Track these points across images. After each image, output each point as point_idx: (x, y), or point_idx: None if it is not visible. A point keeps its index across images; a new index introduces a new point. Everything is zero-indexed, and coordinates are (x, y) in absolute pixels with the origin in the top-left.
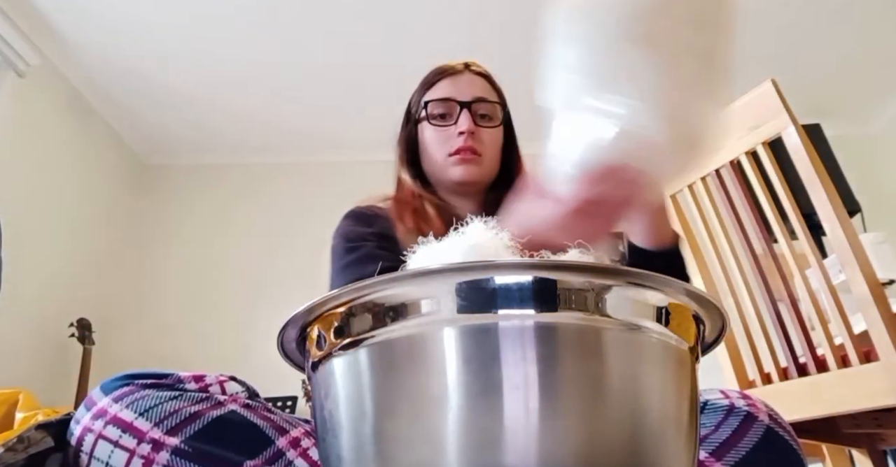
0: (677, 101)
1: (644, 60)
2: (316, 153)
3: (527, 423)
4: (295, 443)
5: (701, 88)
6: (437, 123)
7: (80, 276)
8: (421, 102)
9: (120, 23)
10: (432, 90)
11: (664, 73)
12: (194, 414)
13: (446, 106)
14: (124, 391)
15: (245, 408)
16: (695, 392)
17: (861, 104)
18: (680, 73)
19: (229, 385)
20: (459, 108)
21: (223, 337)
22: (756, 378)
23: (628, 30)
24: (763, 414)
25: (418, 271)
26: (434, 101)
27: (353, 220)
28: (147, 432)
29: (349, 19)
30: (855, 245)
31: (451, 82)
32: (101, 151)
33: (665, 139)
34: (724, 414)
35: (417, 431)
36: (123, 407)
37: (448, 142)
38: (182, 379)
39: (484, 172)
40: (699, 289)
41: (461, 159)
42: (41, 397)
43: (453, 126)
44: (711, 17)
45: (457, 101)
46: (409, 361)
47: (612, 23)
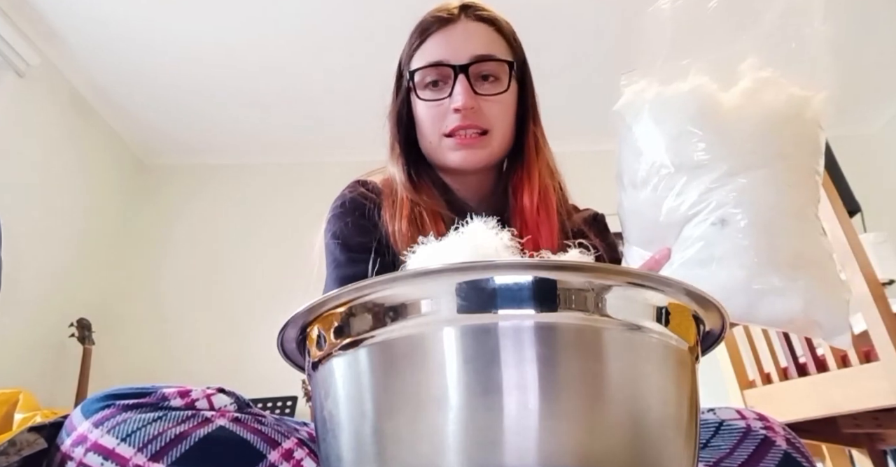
0: (837, 283)
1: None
2: (316, 153)
3: (527, 423)
4: (288, 455)
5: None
6: (429, 97)
7: (80, 276)
8: (411, 67)
9: (120, 23)
10: (420, 50)
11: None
12: (180, 434)
13: (438, 72)
14: (105, 414)
15: (234, 423)
16: (695, 392)
17: (861, 104)
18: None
19: (217, 398)
20: (454, 73)
21: (223, 336)
22: (756, 378)
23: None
24: (780, 439)
25: (418, 271)
26: (423, 69)
27: (352, 219)
28: (130, 458)
29: (349, 20)
30: (855, 245)
31: (444, 37)
32: (101, 151)
33: (831, 325)
34: (739, 437)
35: (417, 431)
36: (104, 432)
37: (443, 119)
38: (167, 395)
39: (492, 153)
40: (699, 289)
41: (459, 143)
42: (41, 397)
43: (447, 99)
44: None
45: (449, 64)
46: (409, 361)
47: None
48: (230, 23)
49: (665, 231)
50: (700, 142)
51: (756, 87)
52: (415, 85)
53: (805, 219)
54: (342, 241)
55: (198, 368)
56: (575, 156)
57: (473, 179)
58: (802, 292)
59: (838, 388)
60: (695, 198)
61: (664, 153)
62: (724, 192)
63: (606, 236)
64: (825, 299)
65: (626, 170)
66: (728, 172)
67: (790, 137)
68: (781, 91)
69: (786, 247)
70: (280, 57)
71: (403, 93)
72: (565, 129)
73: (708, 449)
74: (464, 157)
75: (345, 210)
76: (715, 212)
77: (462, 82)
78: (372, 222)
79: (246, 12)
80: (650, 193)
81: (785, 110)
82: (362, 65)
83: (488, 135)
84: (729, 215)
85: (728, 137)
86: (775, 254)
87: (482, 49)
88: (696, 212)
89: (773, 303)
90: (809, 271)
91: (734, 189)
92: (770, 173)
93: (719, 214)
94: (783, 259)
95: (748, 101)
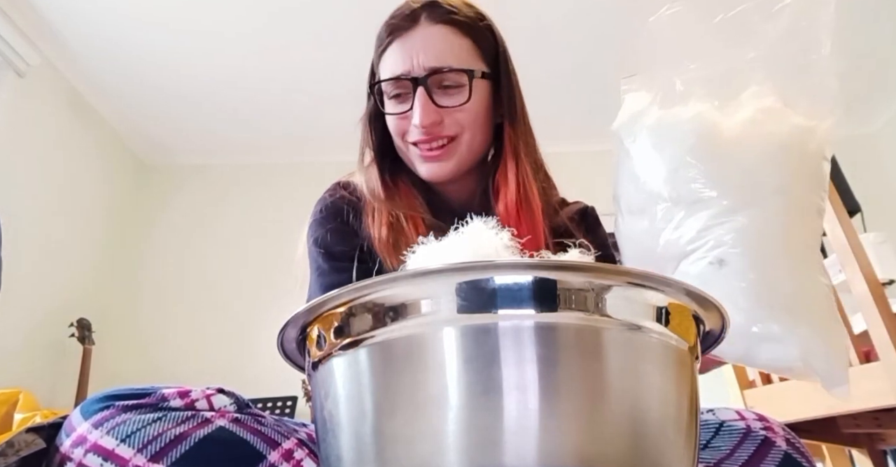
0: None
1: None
2: (316, 153)
3: (527, 423)
4: (288, 456)
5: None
6: (392, 111)
7: (80, 276)
8: (378, 74)
9: (120, 23)
10: (383, 58)
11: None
12: (179, 435)
13: (398, 85)
14: (104, 415)
15: (234, 423)
16: (695, 392)
17: (861, 104)
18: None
19: (217, 398)
20: (413, 86)
21: (223, 336)
22: (756, 378)
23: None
24: (781, 440)
25: (418, 271)
26: (383, 83)
27: (334, 226)
28: (130, 459)
29: (349, 20)
30: (855, 245)
31: (401, 46)
32: (101, 151)
33: (830, 376)
34: (740, 438)
35: (417, 431)
36: (104, 433)
37: (406, 130)
38: (166, 396)
39: (460, 162)
40: (699, 289)
41: (424, 156)
42: (41, 397)
43: (405, 113)
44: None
45: (407, 77)
46: (409, 361)
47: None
48: (230, 22)
49: (662, 263)
50: (699, 176)
51: (758, 118)
52: (378, 101)
53: (805, 260)
54: (325, 250)
55: (198, 368)
56: (577, 156)
57: (453, 182)
58: (801, 340)
59: None
60: (693, 235)
61: (662, 184)
62: (723, 231)
63: (597, 231)
64: (824, 348)
65: (622, 194)
66: (727, 209)
67: (792, 171)
68: (784, 121)
69: (785, 290)
70: (279, 56)
71: (376, 96)
72: (567, 130)
73: (708, 449)
74: (430, 170)
75: (325, 215)
76: (713, 252)
77: (421, 97)
78: (353, 228)
79: (246, 12)
80: (647, 223)
81: (787, 142)
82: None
83: (455, 143)
84: (727, 255)
85: (728, 171)
86: (774, 297)
87: (440, 59)
88: (693, 249)
89: (771, 350)
90: (809, 317)
91: (733, 228)
92: (770, 211)
93: (717, 254)
94: (782, 303)
95: (750, 132)
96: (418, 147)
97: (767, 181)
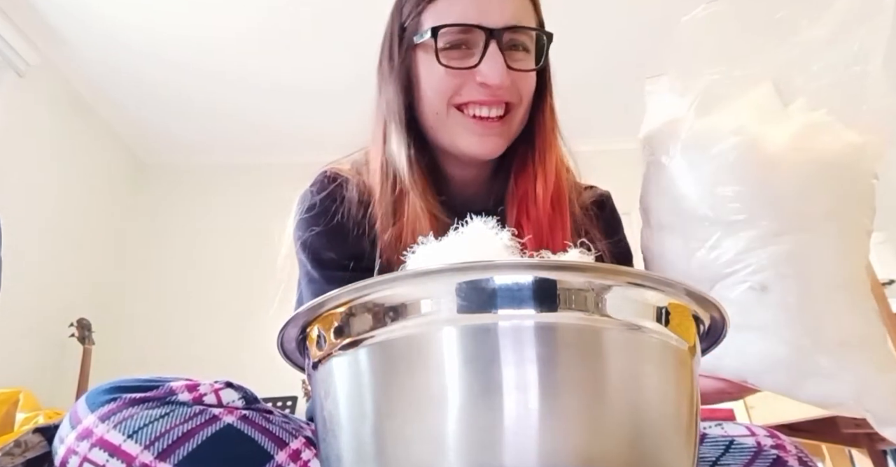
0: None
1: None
2: (316, 153)
3: (527, 423)
4: (295, 456)
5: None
6: (454, 65)
7: (80, 276)
8: (421, 22)
9: (120, 23)
10: (433, 7)
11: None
12: (187, 433)
13: (465, 36)
14: (111, 408)
15: (242, 421)
16: (695, 392)
17: None
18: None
19: (225, 393)
20: (486, 38)
21: (223, 336)
22: None
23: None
24: (793, 459)
25: (418, 271)
26: (448, 26)
27: (322, 229)
28: (137, 456)
29: (349, 19)
30: None
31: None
32: (101, 151)
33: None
34: (751, 456)
35: (417, 431)
36: (111, 427)
37: (459, 89)
38: (174, 389)
39: (509, 140)
40: (699, 289)
41: (480, 122)
42: (41, 397)
43: (470, 69)
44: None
45: (482, 27)
46: (409, 361)
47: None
48: (229, 22)
49: (694, 284)
50: (740, 195)
51: (807, 133)
52: (436, 46)
53: (855, 291)
54: (313, 256)
55: (198, 368)
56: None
57: (471, 169)
58: (853, 377)
59: None
60: (731, 256)
61: (698, 201)
62: (766, 255)
63: (614, 225)
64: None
65: (652, 208)
66: (771, 232)
67: (843, 193)
68: (836, 138)
69: (834, 323)
70: (279, 56)
71: (405, 51)
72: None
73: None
74: (481, 147)
75: (312, 215)
76: (754, 276)
77: (495, 50)
78: (345, 228)
79: (246, 13)
80: (680, 242)
81: (839, 160)
82: (365, 65)
83: (511, 115)
84: (770, 281)
85: (773, 191)
86: (823, 331)
87: (519, 15)
88: (731, 272)
89: (819, 384)
90: (861, 353)
91: (778, 252)
92: (820, 236)
93: (759, 279)
94: (831, 337)
95: (797, 148)
96: (468, 112)
97: (817, 204)
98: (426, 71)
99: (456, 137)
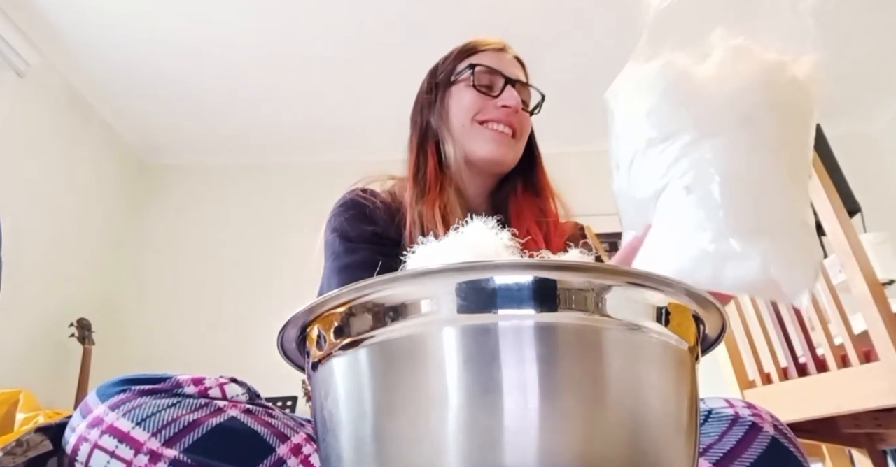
0: (804, 242)
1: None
2: (316, 153)
3: (527, 423)
4: (296, 450)
5: (809, 226)
6: (483, 91)
7: (80, 276)
8: (459, 67)
9: (120, 22)
10: (477, 57)
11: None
12: (193, 422)
13: (491, 77)
14: (121, 398)
15: (245, 414)
16: (695, 392)
17: (861, 104)
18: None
19: (229, 387)
20: (505, 82)
21: (223, 336)
22: (756, 378)
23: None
24: (768, 425)
25: (418, 271)
26: (483, 67)
27: (353, 213)
28: (144, 443)
29: (351, 19)
30: (855, 245)
31: (496, 57)
32: (101, 151)
33: (792, 285)
34: (728, 424)
35: (417, 431)
36: (120, 415)
37: (483, 109)
38: (181, 382)
39: (514, 157)
40: (699, 289)
41: (498, 133)
42: (41, 397)
43: (494, 98)
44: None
45: (504, 75)
46: (409, 361)
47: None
48: (230, 22)
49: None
50: (671, 115)
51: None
52: (473, 77)
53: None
54: (340, 233)
55: (198, 368)
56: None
57: (483, 180)
58: (761, 254)
59: (838, 388)
60: (663, 170)
61: (638, 131)
62: (690, 160)
63: (594, 247)
64: (786, 260)
65: (612, 154)
66: (694, 140)
67: (761, 103)
68: (753, 58)
69: (748, 212)
70: (280, 56)
71: (441, 89)
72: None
73: None
74: (496, 148)
75: (345, 207)
76: (681, 180)
77: (511, 90)
78: (373, 221)
79: (246, 13)
80: (628, 172)
81: (755, 77)
82: (366, 64)
83: (516, 140)
84: (693, 183)
85: (696, 107)
86: (737, 219)
87: (524, 78)
88: (665, 184)
89: (734, 268)
90: (771, 234)
91: (699, 157)
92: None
93: (685, 182)
94: (745, 224)
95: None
96: (488, 125)
97: (733, 112)
98: (458, 96)
99: (477, 145)
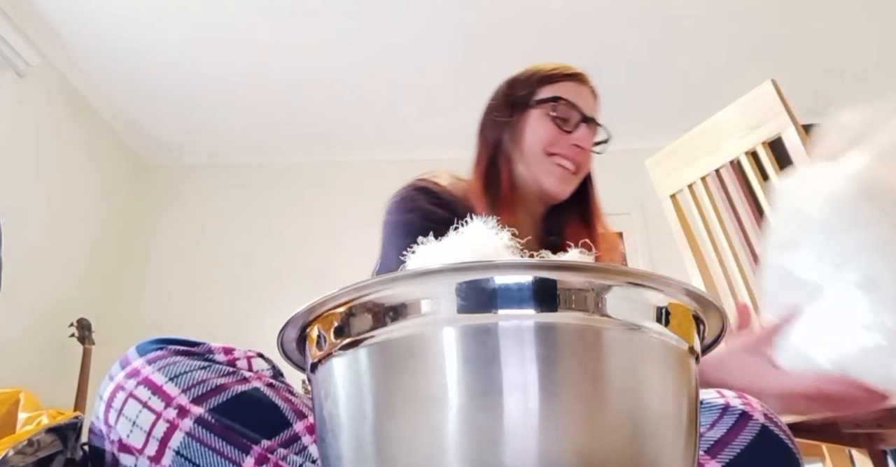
0: None
1: None
2: (316, 153)
3: (527, 423)
4: (312, 429)
5: None
6: (559, 124)
7: (80, 276)
8: (540, 93)
9: (120, 23)
10: (558, 87)
11: None
12: (220, 386)
13: (569, 112)
14: (158, 354)
15: (268, 388)
16: (695, 392)
17: (861, 104)
18: None
19: (256, 361)
20: (581, 119)
21: (223, 337)
22: None
23: None
24: (758, 414)
25: (418, 271)
26: (565, 101)
27: (430, 198)
28: (175, 398)
29: (352, 19)
30: None
31: (577, 90)
32: (101, 151)
33: None
34: (719, 413)
35: (417, 431)
36: (156, 369)
37: (559, 145)
38: (212, 349)
39: (568, 192)
40: (699, 289)
41: (563, 170)
42: (41, 397)
43: (568, 134)
44: None
45: (583, 112)
46: (409, 361)
47: None
48: (231, 23)
49: (802, 288)
50: (857, 214)
51: None
52: (552, 107)
53: None
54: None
55: None
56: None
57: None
58: None
59: None
60: (839, 259)
61: (821, 215)
62: (875, 256)
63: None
64: None
65: (779, 229)
66: (877, 238)
67: None
68: None
69: None
70: (279, 56)
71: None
72: None
73: None
74: (557, 183)
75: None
76: (859, 273)
77: (586, 129)
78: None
79: (247, 12)
80: (796, 251)
81: None
82: (367, 64)
83: (576, 176)
84: (876, 279)
85: (885, 207)
86: None
87: (597, 116)
88: (837, 273)
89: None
90: None
91: (888, 254)
92: None
93: (863, 277)
94: None
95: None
96: (556, 159)
97: None
98: (534, 124)
99: (541, 176)
